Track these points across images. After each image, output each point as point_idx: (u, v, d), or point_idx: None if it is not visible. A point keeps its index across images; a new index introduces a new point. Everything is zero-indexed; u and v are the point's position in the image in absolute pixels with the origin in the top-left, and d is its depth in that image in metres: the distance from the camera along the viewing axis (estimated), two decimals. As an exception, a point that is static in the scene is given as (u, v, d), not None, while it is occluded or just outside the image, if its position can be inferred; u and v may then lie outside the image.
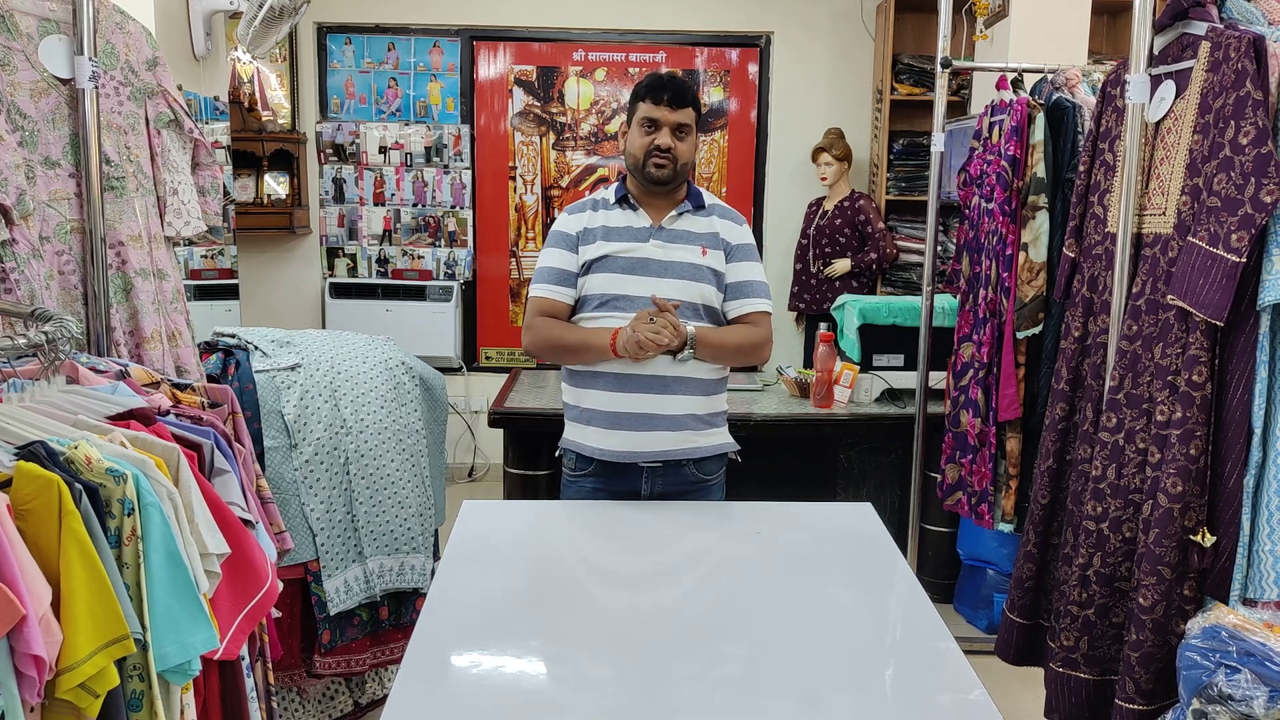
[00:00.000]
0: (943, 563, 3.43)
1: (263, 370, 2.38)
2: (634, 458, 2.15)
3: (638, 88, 2.19)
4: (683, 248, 2.18)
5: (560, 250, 2.20)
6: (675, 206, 2.21)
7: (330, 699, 2.61)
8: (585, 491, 2.22)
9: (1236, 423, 1.80)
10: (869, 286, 4.57)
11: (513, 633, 1.54)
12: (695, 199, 2.23)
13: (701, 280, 2.16)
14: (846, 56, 4.92)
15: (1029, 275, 2.55)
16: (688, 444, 2.16)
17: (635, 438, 2.13)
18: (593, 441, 2.17)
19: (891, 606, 1.72)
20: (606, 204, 2.23)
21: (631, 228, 2.19)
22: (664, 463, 2.17)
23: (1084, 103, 2.56)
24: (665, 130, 2.14)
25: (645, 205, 2.21)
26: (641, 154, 2.15)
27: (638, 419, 2.13)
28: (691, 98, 2.17)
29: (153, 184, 2.03)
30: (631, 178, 2.23)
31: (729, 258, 2.21)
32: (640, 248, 2.17)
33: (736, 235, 2.23)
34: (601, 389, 2.15)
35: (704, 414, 2.18)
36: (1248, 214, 1.74)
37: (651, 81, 2.17)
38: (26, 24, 1.82)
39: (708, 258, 2.18)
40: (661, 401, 2.13)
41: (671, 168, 2.15)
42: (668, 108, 2.13)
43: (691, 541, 2.01)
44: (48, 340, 1.42)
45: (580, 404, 2.20)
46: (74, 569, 1.14)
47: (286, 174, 4.81)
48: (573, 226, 2.21)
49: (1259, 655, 1.53)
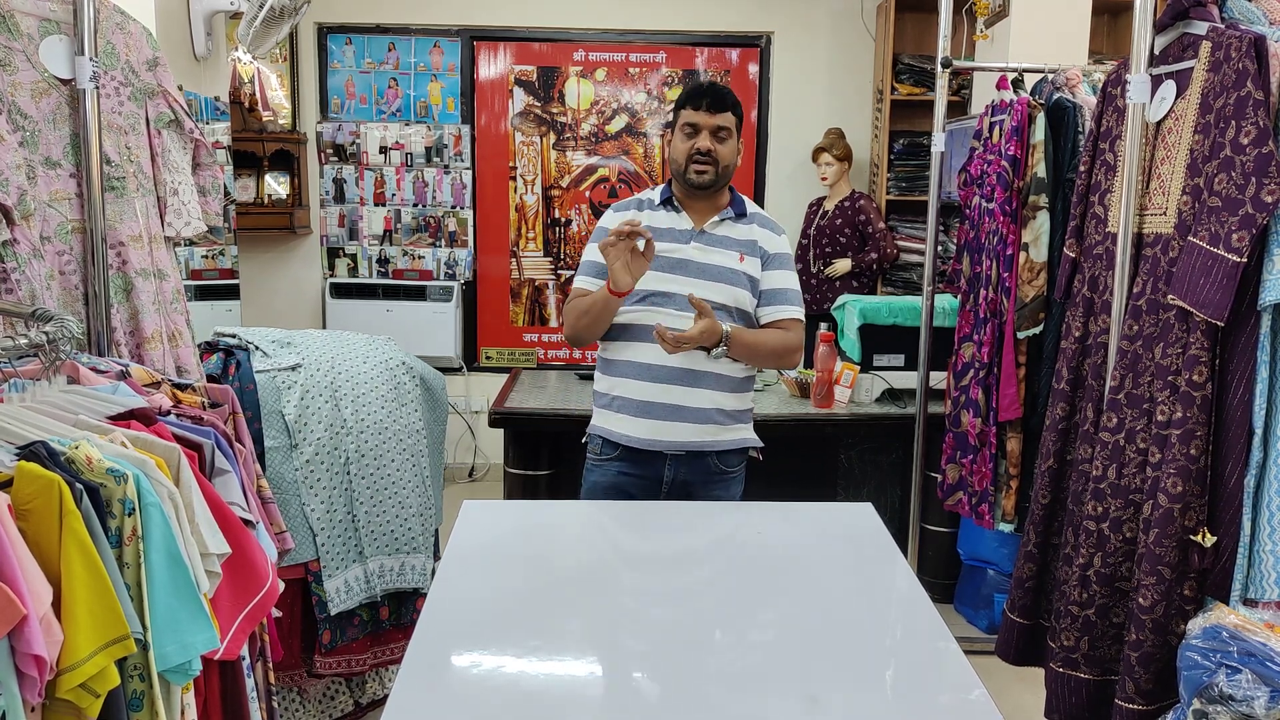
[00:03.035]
0: (943, 563, 3.43)
1: (263, 370, 2.38)
2: (660, 446, 2.23)
3: (680, 96, 2.29)
4: (721, 252, 2.26)
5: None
6: (718, 212, 2.30)
7: (330, 699, 2.61)
8: (610, 475, 2.29)
9: (1237, 423, 1.80)
10: (869, 286, 4.56)
11: (513, 633, 1.54)
12: (738, 206, 2.32)
13: (737, 285, 2.25)
14: (846, 56, 4.92)
15: (1029, 275, 2.55)
16: (711, 436, 2.25)
17: (662, 427, 2.22)
18: (621, 428, 2.25)
19: (892, 606, 1.72)
20: (652, 204, 2.33)
21: (674, 229, 2.28)
22: (688, 452, 2.24)
23: (1084, 103, 2.56)
24: (705, 133, 2.22)
25: (689, 208, 2.30)
26: (684, 159, 2.24)
27: (666, 409, 2.22)
28: (732, 102, 2.25)
29: (153, 184, 2.03)
30: (676, 182, 2.32)
31: (765, 265, 2.29)
32: (681, 249, 2.25)
33: (774, 245, 2.31)
34: (634, 378, 2.24)
35: (731, 409, 2.26)
36: (1248, 214, 1.74)
37: (692, 89, 2.27)
38: (27, 24, 1.82)
39: (745, 264, 2.26)
40: (690, 394, 2.21)
41: (713, 171, 2.23)
42: (707, 112, 2.22)
43: (692, 541, 2.01)
44: (48, 340, 1.42)
45: (612, 392, 2.28)
46: (75, 569, 1.14)
47: (287, 174, 4.81)
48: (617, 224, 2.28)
49: (1260, 655, 1.53)
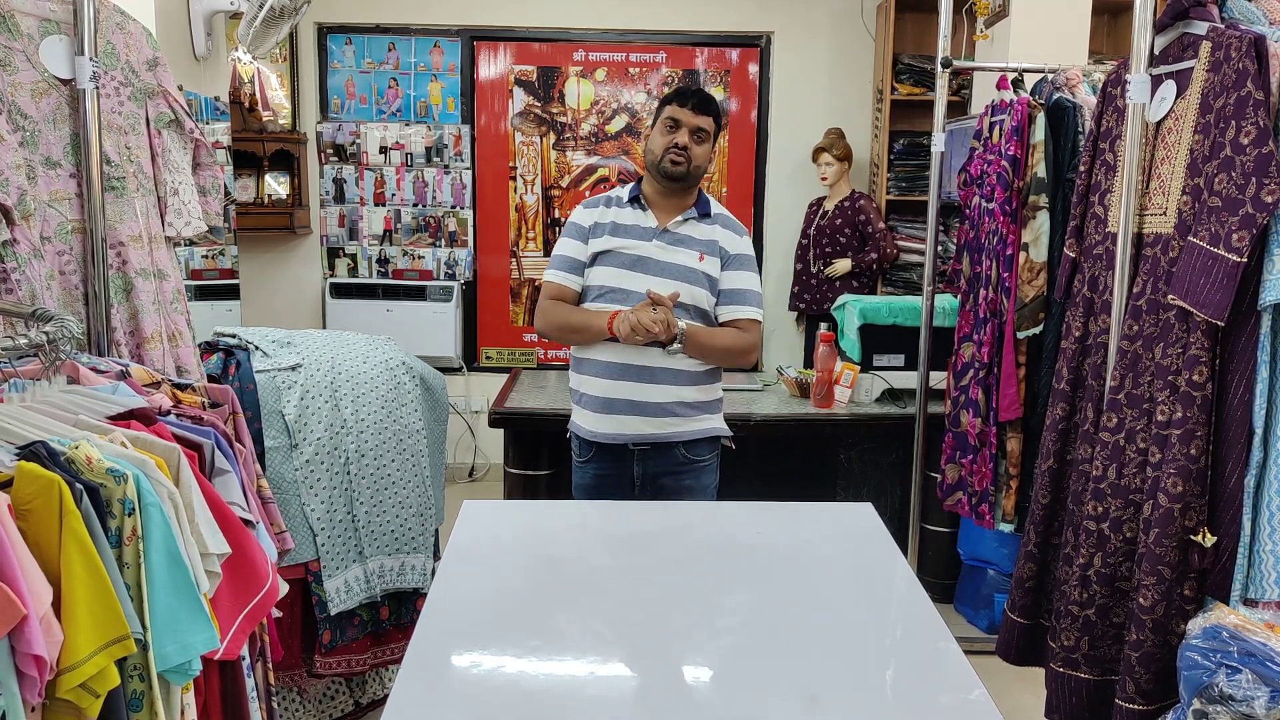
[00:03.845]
0: (943, 563, 3.43)
1: (263, 370, 2.38)
2: (623, 439, 2.34)
3: (666, 95, 2.38)
4: (682, 251, 2.34)
5: (573, 240, 2.39)
6: (682, 211, 2.38)
7: (330, 699, 2.61)
8: (589, 476, 2.42)
9: (1237, 423, 1.80)
10: (869, 286, 4.56)
11: (513, 633, 1.54)
12: (702, 207, 2.40)
13: (695, 283, 2.32)
14: (846, 56, 4.92)
15: (1029, 275, 2.55)
16: (674, 428, 2.34)
17: (624, 421, 2.32)
18: (587, 424, 2.38)
19: (891, 606, 1.72)
20: (620, 201, 2.42)
21: (639, 226, 2.36)
22: (653, 445, 2.34)
23: (1084, 103, 2.56)
24: (685, 130, 2.31)
25: (655, 207, 2.39)
26: (661, 151, 2.32)
27: (624, 404, 2.32)
28: (715, 109, 2.36)
29: (153, 184, 2.03)
30: (647, 178, 2.41)
31: (725, 266, 2.36)
32: (643, 246, 2.34)
33: (735, 245, 2.38)
34: (595, 375, 2.34)
35: (692, 401, 2.35)
36: (1249, 214, 1.73)
37: (680, 88, 2.38)
38: (27, 24, 1.82)
39: (704, 263, 2.34)
40: (647, 390, 2.31)
41: (686, 166, 2.32)
42: (690, 111, 2.32)
43: (692, 541, 2.01)
44: (49, 340, 1.42)
45: (580, 389, 2.40)
46: (74, 569, 1.14)
47: (287, 174, 4.81)
48: (586, 220, 2.40)
49: (1260, 655, 1.53)
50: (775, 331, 5.09)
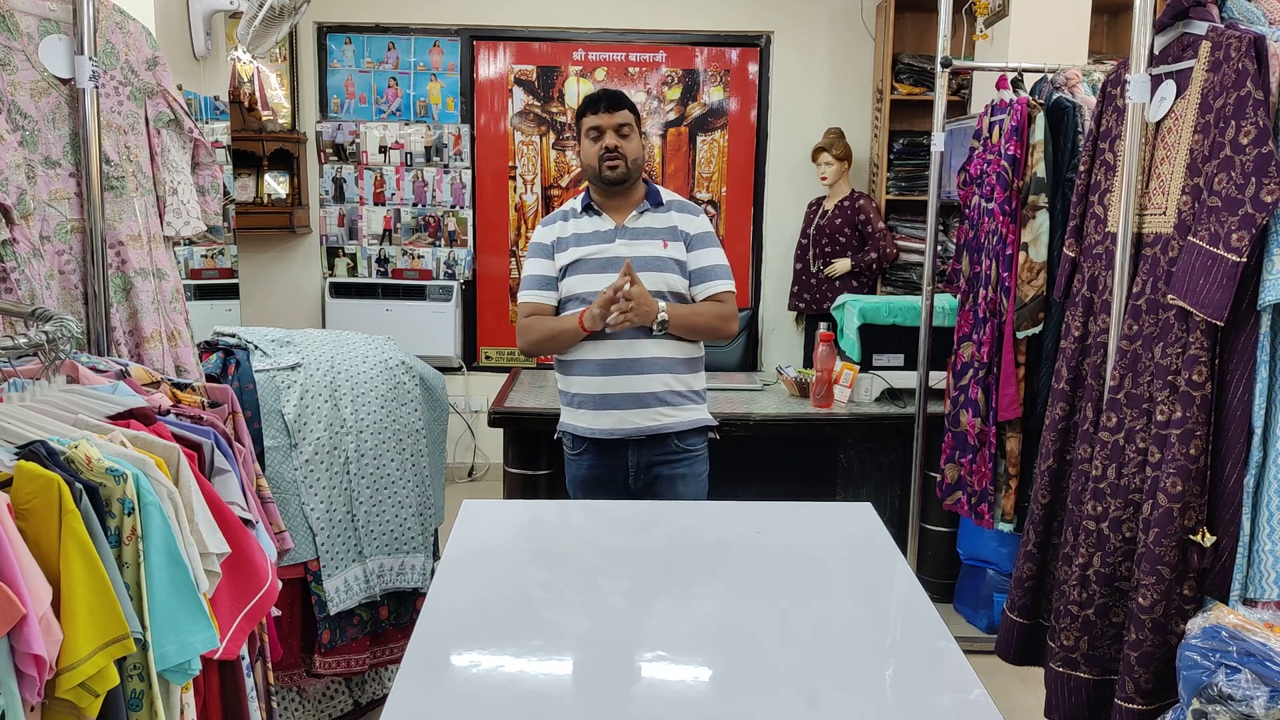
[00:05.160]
0: (943, 563, 3.43)
1: (263, 370, 2.38)
2: (623, 434, 2.40)
3: (579, 108, 2.47)
4: (645, 243, 2.42)
5: (539, 259, 2.48)
6: (635, 207, 2.46)
7: (330, 699, 2.61)
8: (584, 469, 2.48)
9: (1237, 422, 1.80)
10: (869, 286, 4.56)
11: (513, 633, 1.54)
12: (653, 197, 2.47)
13: (666, 270, 2.40)
14: (846, 56, 4.92)
15: (1029, 275, 2.55)
16: (668, 419, 2.41)
17: (624, 415, 2.38)
18: (585, 423, 2.42)
19: (891, 606, 1.72)
20: (575, 213, 2.50)
21: (598, 231, 2.45)
22: (649, 437, 2.40)
23: (1084, 102, 2.56)
24: (609, 132, 2.39)
25: (608, 209, 2.47)
26: (595, 160, 2.41)
27: (623, 398, 2.38)
28: (626, 102, 2.43)
29: (152, 184, 2.03)
30: (593, 186, 2.49)
31: (689, 247, 2.44)
32: (608, 248, 2.42)
33: (694, 226, 2.46)
34: (588, 374, 2.39)
35: (682, 390, 2.42)
36: (1248, 214, 1.74)
37: (587, 98, 2.46)
38: (27, 24, 1.82)
39: (669, 250, 2.42)
40: (641, 380, 2.37)
41: (623, 165, 2.40)
42: (606, 113, 2.40)
43: (692, 541, 2.01)
44: (48, 340, 1.42)
45: (570, 390, 2.45)
46: (74, 568, 1.14)
47: (286, 174, 4.80)
48: (547, 237, 2.49)
49: (1259, 655, 1.53)
50: (775, 331, 5.09)
